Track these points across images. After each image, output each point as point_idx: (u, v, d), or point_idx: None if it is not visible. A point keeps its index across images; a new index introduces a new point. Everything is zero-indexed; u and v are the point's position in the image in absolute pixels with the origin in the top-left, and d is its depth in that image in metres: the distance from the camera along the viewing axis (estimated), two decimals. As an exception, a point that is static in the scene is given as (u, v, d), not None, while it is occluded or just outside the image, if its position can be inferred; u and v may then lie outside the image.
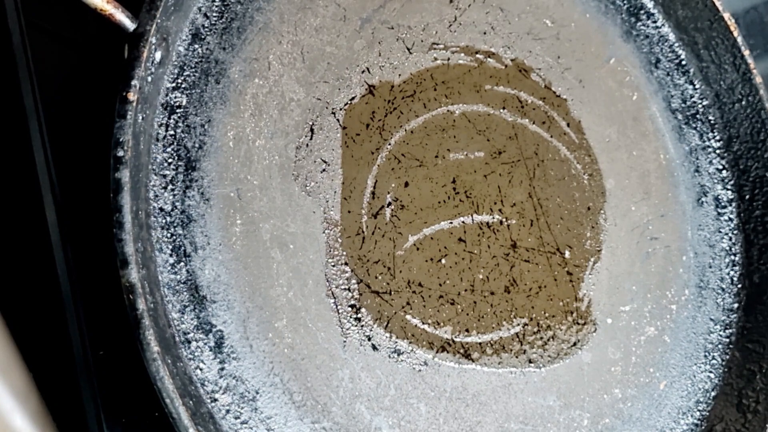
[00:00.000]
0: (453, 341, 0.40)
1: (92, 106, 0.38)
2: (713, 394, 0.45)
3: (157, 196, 0.36)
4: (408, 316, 0.40)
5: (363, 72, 0.42)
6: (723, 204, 0.49)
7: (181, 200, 0.37)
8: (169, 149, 0.37)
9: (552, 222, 0.44)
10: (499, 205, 0.43)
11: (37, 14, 0.40)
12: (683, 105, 0.49)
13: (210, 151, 0.38)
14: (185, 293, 0.36)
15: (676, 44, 0.49)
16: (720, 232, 0.48)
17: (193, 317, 0.35)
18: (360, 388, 0.38)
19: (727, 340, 0.46)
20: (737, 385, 0.45)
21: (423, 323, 0.40)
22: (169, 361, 0.33)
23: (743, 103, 0.48)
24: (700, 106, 0.49)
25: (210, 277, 0.36)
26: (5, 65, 0.39)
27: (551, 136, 0.45)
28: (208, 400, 0.35)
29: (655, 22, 0.49)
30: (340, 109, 0.41)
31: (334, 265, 0.39)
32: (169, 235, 0.36)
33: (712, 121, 0.49)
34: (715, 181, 0.49)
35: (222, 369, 0.35)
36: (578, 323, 0.43)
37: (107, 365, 0.37)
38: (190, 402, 0.33)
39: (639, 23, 0.49)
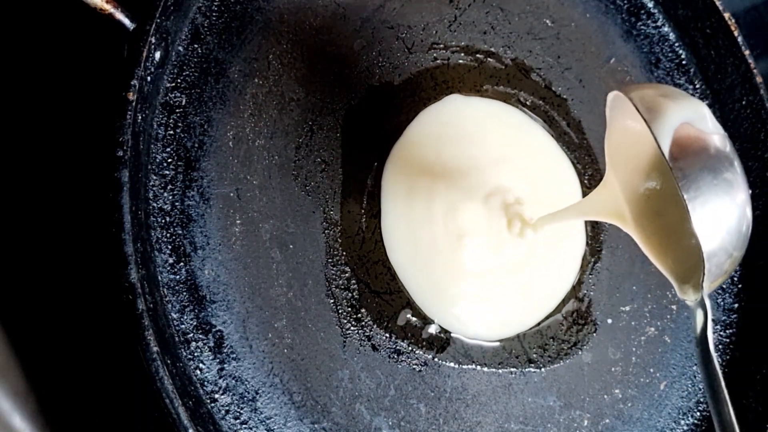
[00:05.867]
0: (453, 341, 0.40)
1: (92, 105, 0.38)
2: (713, 394, 0.45)
3: (156, 195, 0.36)
4: (408, 316, 0.39)
5: (363, 72, 0.42)
6: (723, 204, 0.48)
7: (180, 200, 0.37)
8: (168, 149, 0.37)
9: (552, 222, 0.44)
10: (499, 205, 0.43)
11: (37, 14, 0.40)
12: (683, 105, 0.49)
13: (209, 151, 0.38)
14: (185, 293, 0.36)
15: (677, 44, 0.49)
16: (720, 232, 0.48)
17: (192, 317, 0.35)
18: (360, 389, 0.38)
19: (728, 340, 0.46)
20: (737, 385, 0.45)
21: (423, 323, 0.40)
22: (169, 361, 0.33)
23: (743, 103, 0.48)
24: (700, 106, 0.49)
25: (209, 277, 0.36)
26: (5, 65, 0.39)
27: (551, 136, 0.45)
28: (208, 401, 0.35)
29: (655, 21, 0.49)
30: (340, 109, 0.41)
31: (334, 265, 0.39)
32: (168, 235, 0.36)
33: (712, 121, 0.49)
34: (716, 181, 0.49)
35: (221, 369, 0.35)
36: (578, 323, 0.43)
37: (107, 365, 0.37)
38: (190, 402, 0.33)
39: (639, 23, 0.49)
